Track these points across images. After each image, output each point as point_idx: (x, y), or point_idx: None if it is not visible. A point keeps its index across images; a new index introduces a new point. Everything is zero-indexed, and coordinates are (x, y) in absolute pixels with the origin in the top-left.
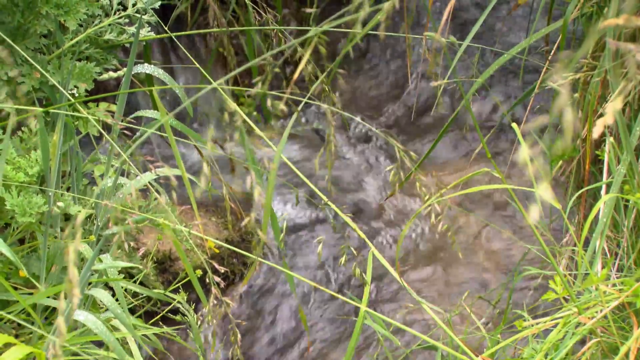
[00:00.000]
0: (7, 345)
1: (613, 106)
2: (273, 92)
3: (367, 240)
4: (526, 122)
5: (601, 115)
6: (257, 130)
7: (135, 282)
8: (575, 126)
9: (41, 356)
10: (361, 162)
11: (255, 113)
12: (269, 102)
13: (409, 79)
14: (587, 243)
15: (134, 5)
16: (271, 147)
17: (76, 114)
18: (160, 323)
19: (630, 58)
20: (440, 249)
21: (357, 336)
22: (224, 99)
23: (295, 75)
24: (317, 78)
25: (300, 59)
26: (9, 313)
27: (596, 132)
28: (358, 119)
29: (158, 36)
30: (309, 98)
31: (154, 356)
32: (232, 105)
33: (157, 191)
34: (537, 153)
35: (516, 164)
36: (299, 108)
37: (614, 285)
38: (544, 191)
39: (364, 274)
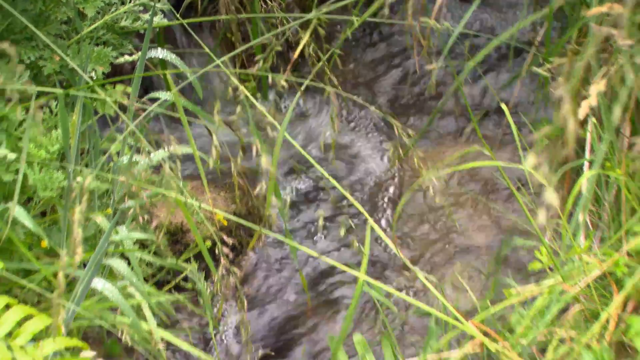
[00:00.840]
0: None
1: (597, 88)
2: (280, 77)
3: (365, 213)
4: (515, 104)
5: (585, 97)
6: (258, 105)
7: (149, 252)
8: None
9: (58, 327)
10: (361, 141)
11: (258, 94)
12: (270, 79)
13: (412, 64)
14: (570, 216)
15: None
16: (275, 124)
17: (94, 95)
18: (173, 291)
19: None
20: (434, 220)
21: (356, 301)
22: (229, 79)
23: (296, 54)
24: (318, 60)
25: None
26: (32, 282)
27: (582, 113)
28: (360, 100)
29: (171, 23)
30: (310, 80)
31: (166, 322)
32: (235, 81)
33: (169, 168)
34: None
35: (507, 143)
36: (302, 87)
37: (596, 255)
38: (530, 164)
39: (361, 245)
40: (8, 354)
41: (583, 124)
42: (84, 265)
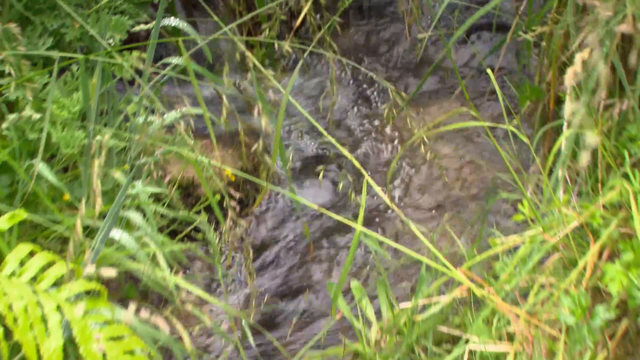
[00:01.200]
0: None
1: (581, 56)
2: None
3: (361, 168)
4: (499, 69)
5: (565, 63)
6: (264, 71)
7: (162, 205)
8: (540, 70)
9: (79, 271)
10: (357, 102)
11: (267, 61)
12: (276, 46)
13: (405, 32)
14: (551, 172)
15: None
16: (279, 88)
17: (112, 60)
18: (185, 240)
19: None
20: (426, 177)
21: (353, 250)
22: (237, 45)
23: (298, 22)
24: (319, 28)
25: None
26: (55, 232)
27: (567, 80)
28: (360, 67)
29: None
30: (313, 47)
31: (178, 268)
32: (242, 47)
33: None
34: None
35: (492, 105)
36: (305, 54)
37: (574, 208)
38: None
39: (358, 198)
40: (33, 297)
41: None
42: (103, 217)
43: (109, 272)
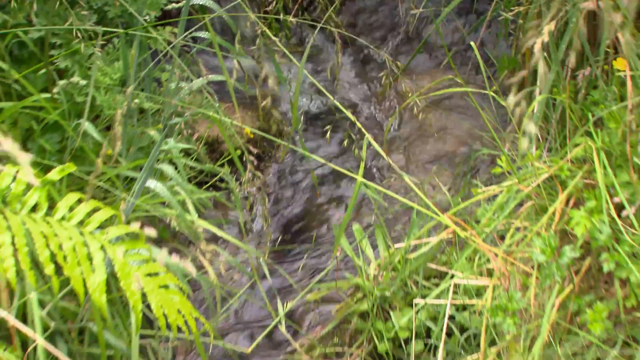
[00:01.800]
0: (96, 209)
1: (548, 28)
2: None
3: (362, 128)
4: (481, 43)
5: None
6: (277, 42)
7: (191, 159)
8: (516, 44)
9: (119, 216)
10: (358, 72)
11: (280, 34)
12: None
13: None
14: (525, 131)
15: None
16: (291, 58)
17: (148, 34)
18: (210, 189)
19: None
20: (418, 136)
21: (354, 198)
22: (249, 18)
23: None
24: (325, 4)
25: None
26: (98, 181)
27: (536, 47)
28: (360, 39)
29: None
30: (317, 22)
31: (204, 213)
32: (253, 17)
33: (207, 92)
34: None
35: (475, 75)
36: (316, 32)
37: (545, 162)
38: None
39: (360, 153)
40: (80, 238)
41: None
42: (141, 169)
43: (150, 232)
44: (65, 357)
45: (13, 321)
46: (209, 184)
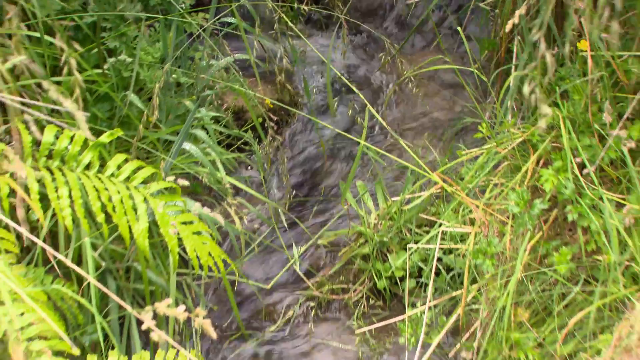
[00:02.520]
0: (140, 167)
1: (519, 11)
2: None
3: (364, 99)
4: (466, 27)
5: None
6: (294, 27)
7: (220, 125)
8: (495, 28)
9: (159, 174)
10: (360, 53)
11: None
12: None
13: None
14: (502, 102)
15: None
16: (306, 42)
17: (184, 19)
18: (236, 151)
19: None
20: (412, 106)
21: (358, 158)
22: (268, 5)
23: None
24: None
25: None
26: (143, 144)
27: (508, 27)
28: (363, 24)
29: None
30: (327, 9)
31: (232, 171)
32: (272, 4)
33: (234, 69)
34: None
35: (460, 53)
36: (340, 18)
37: (519, 128)
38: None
39: (362, 121)
40: (126, 192)
41: (512, 40)
42: (177, 134)
43: (184, 182)
44: (112, 293)
45: (69, 263)
46: (235, 147)
